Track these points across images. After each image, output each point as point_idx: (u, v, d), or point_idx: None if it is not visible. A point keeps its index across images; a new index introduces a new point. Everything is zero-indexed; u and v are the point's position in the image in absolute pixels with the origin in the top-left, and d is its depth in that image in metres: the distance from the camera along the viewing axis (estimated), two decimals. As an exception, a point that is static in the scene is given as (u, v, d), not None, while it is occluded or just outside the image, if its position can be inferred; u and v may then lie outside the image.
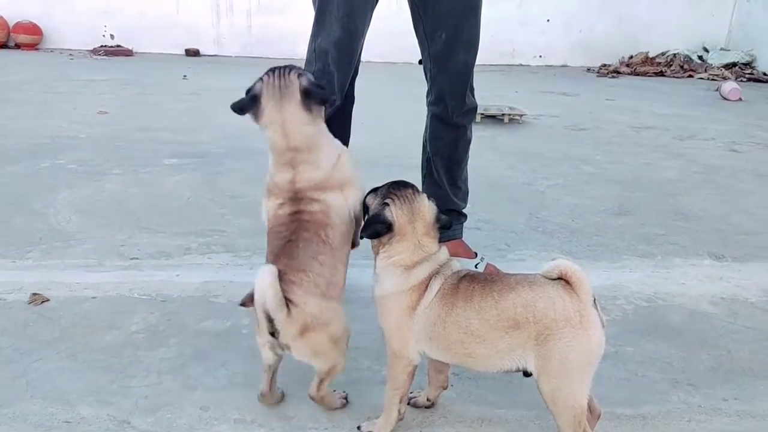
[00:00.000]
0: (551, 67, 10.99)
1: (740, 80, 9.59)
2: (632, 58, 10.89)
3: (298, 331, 1.67)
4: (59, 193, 3.66)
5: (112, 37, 10.29)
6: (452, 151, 2.67)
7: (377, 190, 1.81)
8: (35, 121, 5.41)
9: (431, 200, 1.77)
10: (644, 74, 10.35)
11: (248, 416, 1.87)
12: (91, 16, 10.09)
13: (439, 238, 1.76)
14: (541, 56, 11.14)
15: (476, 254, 2.79)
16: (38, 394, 1.93)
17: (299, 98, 1.80)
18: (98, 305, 2.47)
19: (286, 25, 9.73)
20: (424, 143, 2.74)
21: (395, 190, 1.75)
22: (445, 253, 1.77)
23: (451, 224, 1.88)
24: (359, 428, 1.82)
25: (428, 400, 1.93)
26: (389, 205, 1.71)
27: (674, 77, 10.27)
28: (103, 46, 10.11)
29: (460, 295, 1.66)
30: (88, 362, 2.10)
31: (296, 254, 1.73)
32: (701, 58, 10.81)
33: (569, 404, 1.59)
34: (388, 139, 5.02)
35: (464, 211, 2.81)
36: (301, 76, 1.83)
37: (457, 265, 1.77)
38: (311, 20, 2.36)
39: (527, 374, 1.63)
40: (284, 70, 1.83)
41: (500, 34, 9.82)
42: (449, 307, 1.65)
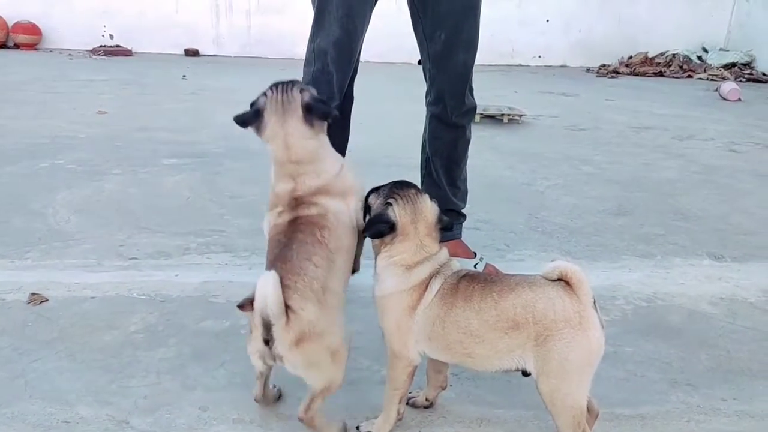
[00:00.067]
0: (550, 67, 10.99)
1: (739, 80, 9.60)
2: (631, 58, 10.89)
3: (293, 340, 1.58)
4: (58, 193, 3.66)
5: (111, 37, 10.28)
6: (451, 151, 2.68)
7: (379, 189, 1.81)
8: (34, 121, 5.41)
9: (433, 201, 1.78)
10: (643, 74, 10.36)
11: (247, 416, 1.87)
12: (90, 16, 10.08)
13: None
14: (540, 56, 11.13)
15: (475, 254, 2.79)
16: (37, 394, 1.93)
17: (301, 113, 1.82)
18: (97, 305, 2.47)
19: (285, 25, 9.73)
20: (423, 143, 2.75)
21: (398, 190, 1.75)
22: (445, 253, 1.77)
23: (452, 225, 1.88)
24: (358, 428, 1.82)
25: (427, 400, 1.93)
26: (392, 204, 1.71)
27: (673, 77, 10.27)
28: (102, 46, 10.10)
29: (459, 295, 1.66)
30: (86, 362, 2.10)
31: (290, 256, 1.69)
32: (700, 58, 10.82)
33: (568, 405, 1.59)
34: (387, 139, 5.02)
35: (463, 211, 2.81)
36: (303, 91, 1.86)
37: (457, 265, 1.77)
38: (310, 20, 2.37)
39: (526, 374, 1.63)
40: (287, 85, 1.86)
41: (499, 34, 9.83)
42: (449, 306, 1.65)
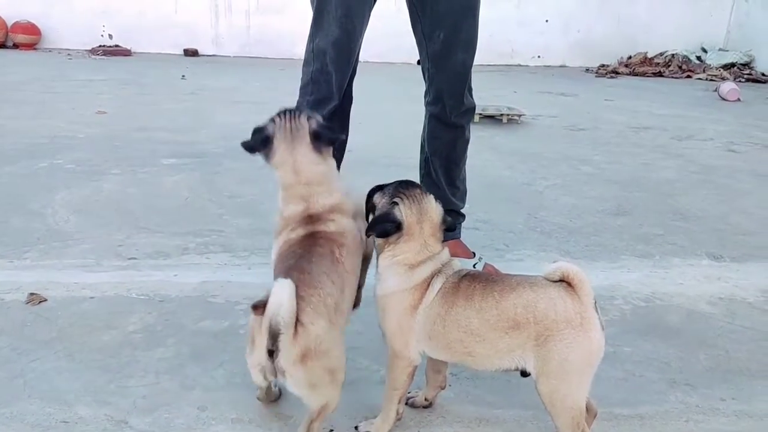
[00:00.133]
0: (550, 67, 10.99)
1: (738, 81, 9.60)
2: (631, 58, 10.89)
3: (299, 354, 1.55)
4: (57, 193, 3.65)
5: (110, 37, 10.27)
6: (450, 151, 2.68)
7: (383, 188, 1.80)
8: (33, 121, 5.40)
9: (438, 201, 1.78)
10: (643, 74, 10.36)
11: (246, 416, 1.87)
12: (89, 16, 10.08)
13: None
14: (539, 56, 11.14)
15: (474, 254, 2.79)
16: (36, 394, 1.93)
17: (309, 141, 1.85)
18: (96, 305, 2.46)
19: (284, 25, 9.73)
20: (422, 143, 2.75)
21: (404, 189, 1.75)
22: (446, 252, 1.77)
23: (455, 226, 1.88)
24: (357, 428, 1.82)
25: (426, 400, 1.93)
26: (399, 204, 1.71)
27: (673, 77, 10.27)
28: (101, 46, 10.09)
29: (460, 294, 1.66)
30: (85, 362, 2.10)
31: (309, 268, 1.66)
32: (700, 58, 10.82)
33: (567, 405, 1.59)
34: (386, 139, 5.02)
35: (462, 211, 2.81)
36: (310, 119, 1.89)
37: (458, 264, 1.78)
38: (309, 20, 2.37)
39: (524, 374, 1.63)
40: (294, 113, 1.89)
41: (499, 34, 9.82)
42: (450, 305, 1.66)
